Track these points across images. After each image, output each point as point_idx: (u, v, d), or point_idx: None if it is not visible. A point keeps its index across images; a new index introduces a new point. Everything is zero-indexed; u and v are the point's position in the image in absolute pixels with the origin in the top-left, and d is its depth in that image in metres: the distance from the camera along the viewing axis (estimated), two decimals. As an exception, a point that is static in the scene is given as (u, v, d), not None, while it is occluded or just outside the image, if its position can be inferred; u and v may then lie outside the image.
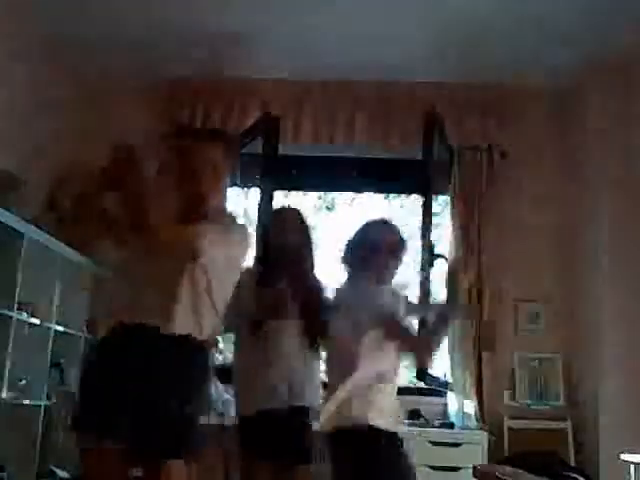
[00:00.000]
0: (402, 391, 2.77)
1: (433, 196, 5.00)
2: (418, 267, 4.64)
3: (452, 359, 4.54)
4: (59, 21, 4.30)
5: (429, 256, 4.70)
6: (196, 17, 4.24)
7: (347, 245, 2.67)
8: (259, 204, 4.94)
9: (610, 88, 4.44)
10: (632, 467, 3.53)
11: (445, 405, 4.56)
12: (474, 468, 3.34)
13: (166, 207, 2.20)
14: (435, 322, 2.52)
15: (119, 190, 2.04)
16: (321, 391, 2.95)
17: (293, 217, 3.11)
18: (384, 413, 2.41)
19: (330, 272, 3.10)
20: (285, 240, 3.00)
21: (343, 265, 2.66)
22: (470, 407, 4.41)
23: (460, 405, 4.43)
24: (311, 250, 3.10)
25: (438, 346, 2.53)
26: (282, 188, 5.33)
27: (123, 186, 2.02)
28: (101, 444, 2.02)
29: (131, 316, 2.11)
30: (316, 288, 3.03)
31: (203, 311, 2.16)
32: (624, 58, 4.30)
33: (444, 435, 4.17)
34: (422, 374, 4.47)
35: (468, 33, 4.22)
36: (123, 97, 4.93)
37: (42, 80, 4.53)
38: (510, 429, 4.40)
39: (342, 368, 2.45)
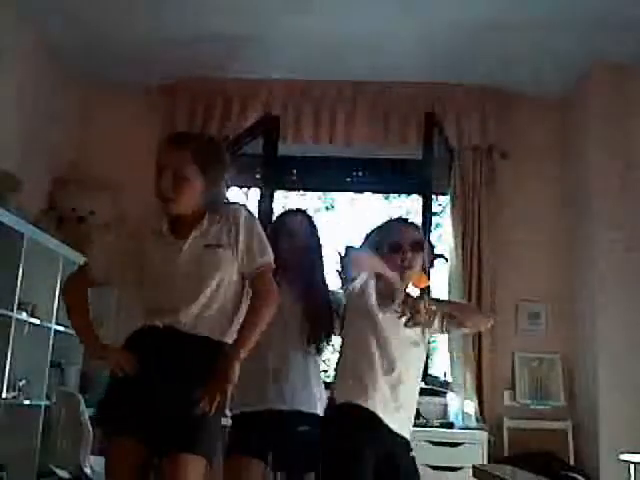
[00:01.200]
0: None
1: (433, 196, 5.01)
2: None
3: (452, 359, 4.55)
4: (59, 21, 4.30)
5: (429, 256, 4.69)
6: (196, 18, 4.23)
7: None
8: (259, 204, 4.94)
9: (610, 88, 4.44)
10: (632, 467, 3.54)
11: (445, 405, 4.56)
12: (474, 468, 3.33)
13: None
14: None
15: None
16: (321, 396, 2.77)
17: (301, 221, 2.89)
18: None
19: (329, 273, 3.04)
20: (294, 246, 2.78)
21: None
22: (470, 407, 4.41)
23: (460, 405, 4.43)
24: (321, 257, 2.88)
25: None
26: (282, 188, 5.34)
27: None
28: (124, 437, 2.08)
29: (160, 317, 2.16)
30: (325, 296, 2.82)
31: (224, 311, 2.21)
32: (624, 58, 4.30)
33: (444, 435, 4.17)
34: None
35: (468, 34, 4.22)
36: (123, 97, 4.94)
37: (42, 81, 4.53)
38: (510, 429, 4.41)
39: None
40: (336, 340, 2.76)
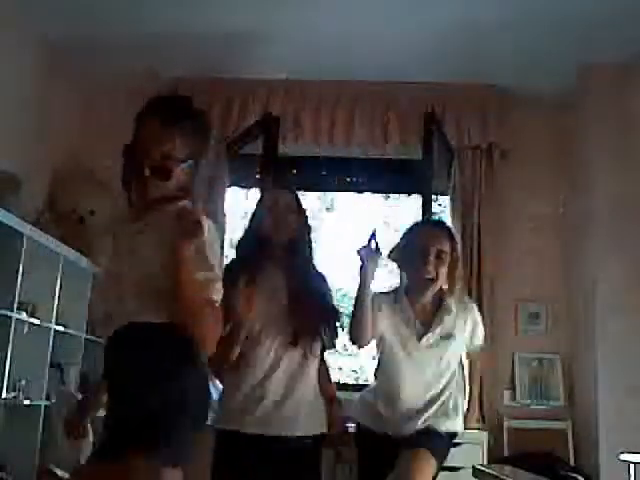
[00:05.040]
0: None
1: (433, 196, 5.01)
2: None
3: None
4: (59, 22, 4.30)
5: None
6: (196, 17, 4.23)
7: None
8: (259, 204, 4.93)
9: (609, 88, 4.44)
10: (632, 467, 3.54)
11: (445, 405, 4.55)
12: (474, 468, 3.34)
13: None
14: None
15: None
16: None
17: (286, 201, 2.68)
18: None
19: (330, 273, 2.95)
20: (277, 229, 2.57)
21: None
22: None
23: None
24: (310, 241, 2.66)
25: None
26: (282, 188, 5.30)
27: None
28: None
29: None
30: (320, 287, 2.61)
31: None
32: (624, 58, 4.30)
33: (444, 435, 4.16)
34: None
35: (468, 33, 4.22)
36: (123, 97, 4.93)
37: (42, 80, 4.53)
38: (510, 429, 4.41)
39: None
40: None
